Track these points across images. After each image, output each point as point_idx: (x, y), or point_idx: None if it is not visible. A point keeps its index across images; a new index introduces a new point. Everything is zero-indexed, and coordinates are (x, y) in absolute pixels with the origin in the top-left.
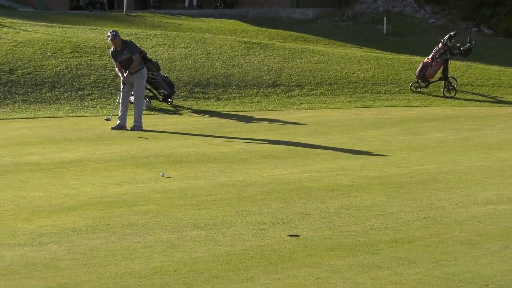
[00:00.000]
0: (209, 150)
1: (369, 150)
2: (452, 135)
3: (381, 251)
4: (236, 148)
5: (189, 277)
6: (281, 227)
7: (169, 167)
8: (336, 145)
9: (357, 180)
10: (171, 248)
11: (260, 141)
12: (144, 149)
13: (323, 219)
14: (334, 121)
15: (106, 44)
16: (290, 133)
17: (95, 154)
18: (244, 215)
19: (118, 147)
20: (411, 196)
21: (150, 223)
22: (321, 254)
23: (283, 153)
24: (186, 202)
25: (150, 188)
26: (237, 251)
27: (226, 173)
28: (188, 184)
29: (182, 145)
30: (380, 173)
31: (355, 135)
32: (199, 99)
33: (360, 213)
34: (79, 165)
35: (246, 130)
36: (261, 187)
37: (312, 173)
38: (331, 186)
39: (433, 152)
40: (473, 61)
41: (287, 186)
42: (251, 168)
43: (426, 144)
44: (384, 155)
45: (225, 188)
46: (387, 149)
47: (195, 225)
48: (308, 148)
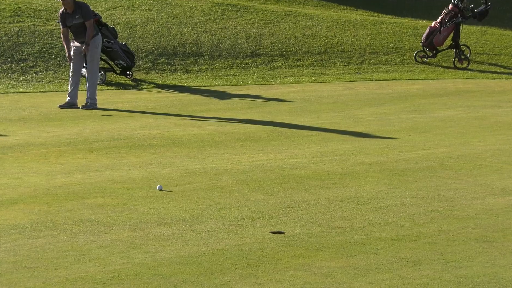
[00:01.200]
0: (176, 132)
1: (366, 132)
2: (465, 113)
3: (380, 250)
4: (208, 129)
5: (152, 283)
6: (262, 223)
7: (128, 152)
8: (327, 125)
9: (352, 167)
10: (131, 248)
11: (237, 121)
12: (99, 131)
13: (311, 213)
14: (324, 97)
15: (52, 6)
16: (272, 112)
17: (40, 137)
18: (218, 209)
19: (67, 129)
20: (416, 185)
21: (106, 218)
22: (309, 254)
23: (264, 135)
24: (149, 194)
25: (106, 178)
26: (209, 252)
27: (196, 159)
28: (152, 172)
29: (144, 126)
30: (379, 158)
31: (349, 113)
32: (164, 72)
33: (355, 206)
34: (22, 150)
35: (220, 109)
36: (238, 176)
37: (299, 159)
38: (321, 174)
39: (442, 134)
40: (489, 25)
41: (269, 175)
42: (226, 153)
43: (433, 124)
44: (384, 137)
45: (196, 177)
46: (387, 130)
47: (160, 221)
48: (294, 129)
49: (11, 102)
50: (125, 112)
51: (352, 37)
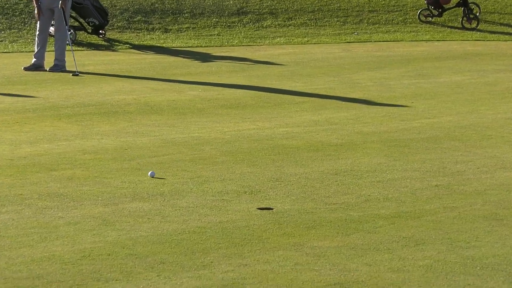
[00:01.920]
0: (154, 97)
1: (364, 98)
2: (474, 78)
3: (379, 229)
4: (189, 95)
5: (127, 263)
6: (249, 198)
7: (100, 119)
8: (320, 91)
9: (349, 137)
10: (103, 225)
11: (221, 86)
12: (68, 96)
13: (303, 187)
14: (318, 60)
15: None
16: (260, 76)
17: (3, 103)
18: (200, 183)
19: (33, 94)
20: (419, 157)
21: (76, 192)
22: (300, 233)
23: (251, 102)
24: (123, 166)
25: (76, 147)
26: (190, 229)
27: (176, 127)
28: (126, 142)
29: (119, 91)
30: (379, 128)
31: (345, 78)
32: (140, 31)
33: (352, 180)
34: None
35: (202, 72)
36: (222, 146)
37: (289, 128)
38: (314, 145)
39: (448, 101)
40: None
41: (256, 145)
42: (209, 121)
43: (439, 90)
44: (384, 104)
45: (175, 148)
46: (387, 97)
47: (136, 196)
48: (284, 95)
49: None
50: (97, 75)
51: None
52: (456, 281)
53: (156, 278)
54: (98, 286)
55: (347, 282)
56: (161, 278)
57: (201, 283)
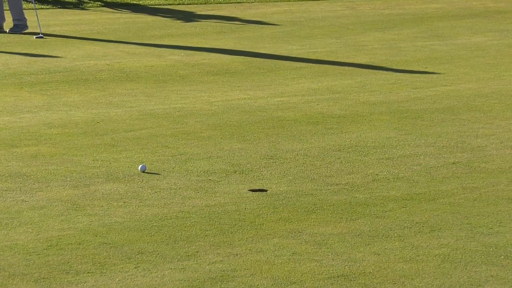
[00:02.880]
0: (130, 63)
1: (371, 63)
2: (496, 39)
3: (388, 213)
4: (170, 60)
5: (100, 253)
6: (239, 178)
7: (69, 88)
8: (321, 55)
9: (353, 108)
10: (73, 210)
11: (207, 50)
12: (31, 61)
13: (301, 166)
14: (317, 19)
15: None
16: (251, 38)
17: None
18: (183, 161)
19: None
20: (433, 131)
21: (42, 172)
22: (299, 218)
23: (242, 68)
24: (95, 141)
25: (41, 120)
26: (173, 214)
27: (155, 97)
28: (99, 114)
29: (89, 55)
30: (388, 97)
31: (349, 40)
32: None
33: (357, 157)
34: None
35: (185, 33)
36: (208, 119)
37: (285, 98)
38: (314, 117)
39: (467, 65)
40: None
41: (247, 117)
42: (193, 90)
43: (456, 53)
44: (394, 69)
45: (154, 120)
46: (397, 61)
47: (110, 176)
48: (279, 60)
49: None
50: (65, 38)
51: None
52: (477, 272)
53: (133, 270)
54: (67, 280)
55: (352, 273)
56: (139, 270)
57: (185, 276)
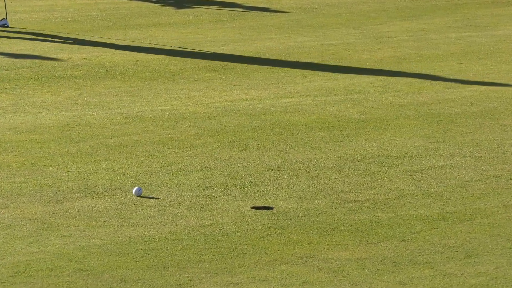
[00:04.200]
0: (111, 57)
1: (397, 57)
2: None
3: (416, 235)
4: (158, 53)
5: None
6: (240, 194)
7: (38, 86)
8: (337, 48)
9: (375, 111)
10: (44, 231)
11: (202, 42)
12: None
13: (314, 179)
14: (333, 5)
15: None
16: (255, 27)
17: None
18: (174, 173)
19: None
20: (470, 138)
21: (6, 186)
22: (310, 240)
23: (243, 63)
24: (70, 150)
25: (5, 125)
26: (162, 236)
27: (141, 98)
28: (74, 117)
29: (62, 48)
30: (416, 98)
31: (371, 30)
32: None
33: (380, 169)
34: None
35: (176, 22)
36: (203, 123)
37: (295, 98)
38: (329, 121)
39: (510, 61)
40: None
41: (249, 121)
42: (186, 89)
43: (496, 46)
44: (423, 66)
45: (140, 125)
46: (427, 56)
47: (87, 190)
48: (288, 53)
49: None
50: (34, 26)
51: None
52: None
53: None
54: None
55: None
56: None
57: None
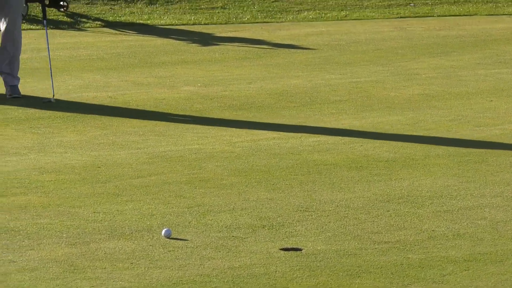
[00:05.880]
0: (137, 95)
1: (425, 95)
2: None
3: (448, 277)
4: (184, 92)
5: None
6: (268, 235)
7: (64, 125)
8: (365, 85)
9: (404, 150)
10: (70, 273)
11: (228, 80)
12: None
13: (343, 220)
14: (361, 41)
15: None
16: (281, 65)
17: None
18: (202, 213)
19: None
20: (501, 178)
21: (32, 227)
22: (340, 282)
23: (270, 101)
24: (96, 190)
25: (30, 165)
26: (189, 278)
27: (167, 136)
28: (99, 157)
29: (87, 86)
30: (446, 136)
31: (399, 67)
32: (116, 3)
33: (409, 210)
34: None
35: (202, 60)
36: (231, 163)
37: (323, 137)
38: (357, 161)
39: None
40: None
41: (277, 161)
42: (213, 128)
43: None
44: (452, 103)
45: (166, 165)
46: (456, 93)
47: (114, 232)
48: (315, 91)
49: None
50: (59, 64)
51: None
52: None
53: None
54: None
55: None
56: None
57: None
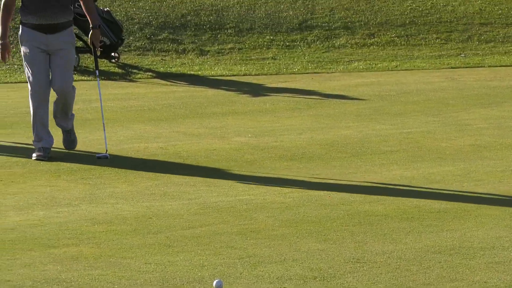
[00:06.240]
0: (188, 146)
1: (477, 145)
2: None
3: None
4: (235, 142)
5: None
6: (320, 286)
7: (115, 176)
8: (416, 136)
9: (455, 201)
10: None
11: (279, 130)
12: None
13: (394, 271)
14: (411, 92)
15: None
16: (332, 115)
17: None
18: (253, 264)
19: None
20: None
21: (84, 278)
22: None
23: (321, 152)
24: (147, 241)
25: (82, 215)
26: None
27: (218, 187)
28: (151, 207)
29: (139, 136)
30: (497, 187)
31: (449, 117)
32: (167, 54)
33: (461, 261)
34: None
35: (253, 110)
36: (281, 214)
37: (374, 188)
38: (409, 212)
39: None
40: None
41: (328, 211)
42: (263, 178)
43: None
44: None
45: (217, 215)
46: (508, 144)
47: (165, 283)
48: (366, 142)
49: None
50: (110, 114)
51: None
52: None
53: None
54: None
55: None
56: None
57: None
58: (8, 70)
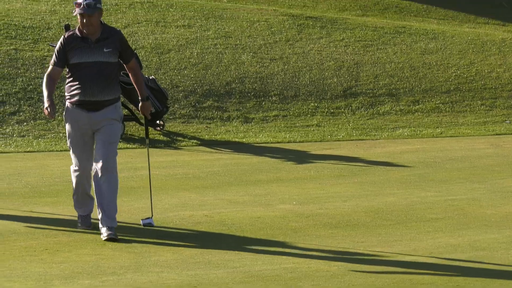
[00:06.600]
0: (232, 213)
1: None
2: None
3: None
4: (280, 209)
5: None
6: None
7: (161, 244)
8: (461, 203)
9: (501, 269)
10: None
11: (324, 197)
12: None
13: None
14: (456, 159)
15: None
16: (377, 183)
17: (27, 222)
18: None
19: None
20: None
21: None
22: None
23: (366, 219)
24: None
25: (127, 284)
26: None
27: (262, 255)
28: (196, 275)
29: (184, 204)
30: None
31: (495, 184)
32: (212, 121)
33: None
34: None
35: (297, 178)
36: (327, 282)
37: (419, 256)
38: (455, 280)
39: None
40: None
41: (374, 280)
42: (308, 246)
43: None
44: None
45: (262, 284)
46: None
47: None
48: (411, 208)
49: None
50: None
51: (498, 67)
52: None
53: None
54: None
55: None
56: None
57: None
58: (54, 138)
